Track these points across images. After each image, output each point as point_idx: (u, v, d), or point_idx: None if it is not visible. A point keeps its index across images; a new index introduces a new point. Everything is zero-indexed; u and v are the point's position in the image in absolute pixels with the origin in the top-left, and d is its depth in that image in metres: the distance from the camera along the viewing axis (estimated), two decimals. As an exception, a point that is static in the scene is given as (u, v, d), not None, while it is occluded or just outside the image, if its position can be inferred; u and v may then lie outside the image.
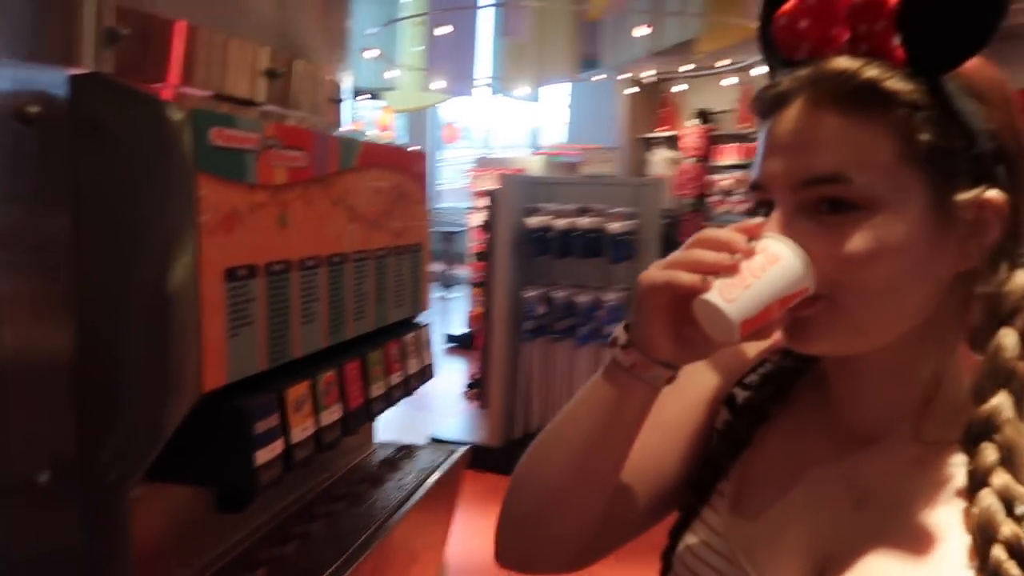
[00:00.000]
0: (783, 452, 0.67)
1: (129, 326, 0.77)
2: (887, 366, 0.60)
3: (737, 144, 8.77)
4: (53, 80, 0.74)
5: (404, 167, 1.28)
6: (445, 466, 1.32)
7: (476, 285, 5.29)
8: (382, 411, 1.14)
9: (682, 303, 0.56)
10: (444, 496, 1.30)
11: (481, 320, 4.54)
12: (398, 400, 1.20)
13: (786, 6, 0.58)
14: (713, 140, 9.04)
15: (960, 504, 0.55)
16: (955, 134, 0.54)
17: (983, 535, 0.52)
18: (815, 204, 0.55)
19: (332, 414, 0.99)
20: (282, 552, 0.98)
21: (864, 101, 0.53)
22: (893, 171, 0.54)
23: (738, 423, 0.70)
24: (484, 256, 4.46)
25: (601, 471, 0.66)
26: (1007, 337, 0.55)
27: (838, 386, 0.65)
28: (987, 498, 0.53)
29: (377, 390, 1.13)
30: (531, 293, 3.88)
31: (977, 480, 0.54)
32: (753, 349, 0.75)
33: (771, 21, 0.60)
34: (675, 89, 9.24)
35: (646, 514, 0.72)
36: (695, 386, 0.74)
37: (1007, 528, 0.51)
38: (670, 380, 0.61)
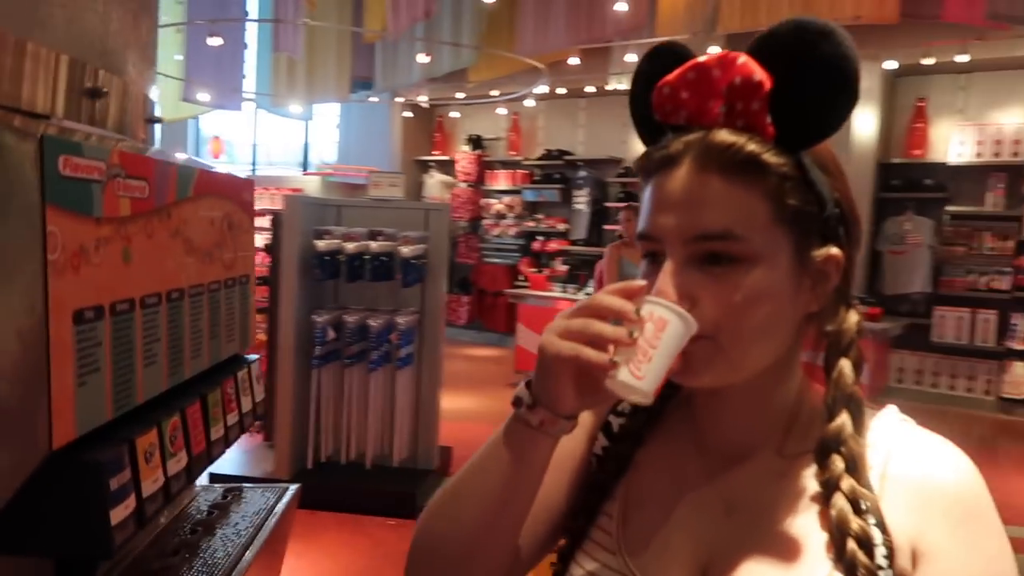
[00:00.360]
0: (660, 471, 0.74)
1: (-37, 380, 0.67)
2: (749, 393, 0.69)
3: (509, 170, 9.19)
4: None
5: (234, 195, 1.22)
6: (279, 508, 1.26)
7: (259, 311, 5.03)
8: (221, 454, 1.08)
9: (584, 368, 0.61)
10: (280, 538, 1.24)
11: (265, 347, 4.32)
12: (234, 441, 1.14)
13: (668, 77, 0.65)
14: (486, 165, 9.39)
15: (816, 507, 0.65)
16: (812, 200, 0.64)
17: (838, 531, 0.62)
18: (702, 256, 0.63)
19: (179, 462, 0.93)
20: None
21: (745, 170, 0.62)
22: (768, 230, 0.62)
23: (617, 448, 0.77)
24: (267, 280, 4.27)
25: (513, 521, 0.69)
26: (846, 367, 0.67)
27: (706, 411, 0.73)
28: (839, 501, 0.63)
29: (216, 432, 1.07)
30: (321, 318, 3.78)
31: (830, 486, 0.64)
32: None
33: (648, 87, 0.68)
34: (450, 115, 9.49)
35: (542, 546, 0.77)
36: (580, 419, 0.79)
37: (855, 524, 0.61)
38: (571, 429, 0.66)
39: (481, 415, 5.87)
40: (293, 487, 1.34)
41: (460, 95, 8.32)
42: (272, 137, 10.96)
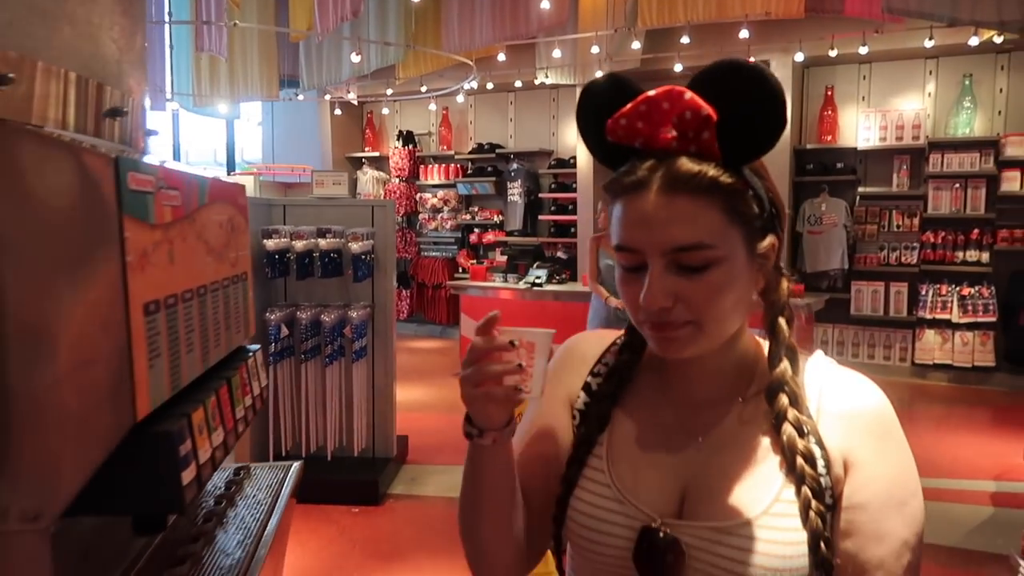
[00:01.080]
0: (639, 421, 0.91)
1: (66, 363, 0.79)
2: (714, 354, 0.85)
3: (442, 165, 9.30)
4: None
5: (233, 200, 1.34)
6: (289, 481, 1.40)
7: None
8: (244, 431, 1.21)
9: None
10: (291, 508, 1.38)
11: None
12: (251, 421, 1.27)
13: (624, 110, 0.78)
14: (419, 161, 9.48)
15: (769, 436, 0.83)
16: (756, 204, 0.80)
17: (789, 451, 0.80)
18: (679, 261, 0.77)
19: (219, 436, 1.06)
20: (182, 571, 1.02)
21: (707, 190, 0.76)
22: (727, 234, 0.77)
23: (598, 408, 0.92)
24: (214, 282, 4.30)
25: (507, 506, 0.87)
26: (783, 323, 0.85)
27: (678, 372, 0.89)
28: (787, 428, 0.81)
29: (239, 412, 1.20)
30: (274, 315, 3.85)
31: (779, 418, 0.82)
32: (594, 348, 0.99)
33: (598, 120, 0.81)
34: (381, 111, 9.53)
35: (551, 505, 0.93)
36: (553, 392, 0.96)
37: (801, 444, 0.80)
38: (512, 431, 0.84)
39: (433, 405, 6.01)
40: (296, 464, 1.47)
41: (389, 91, 8.37)
42: (192, 136, 10.75)
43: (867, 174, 7.16)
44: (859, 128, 6.99)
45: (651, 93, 0.77)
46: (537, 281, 6.73)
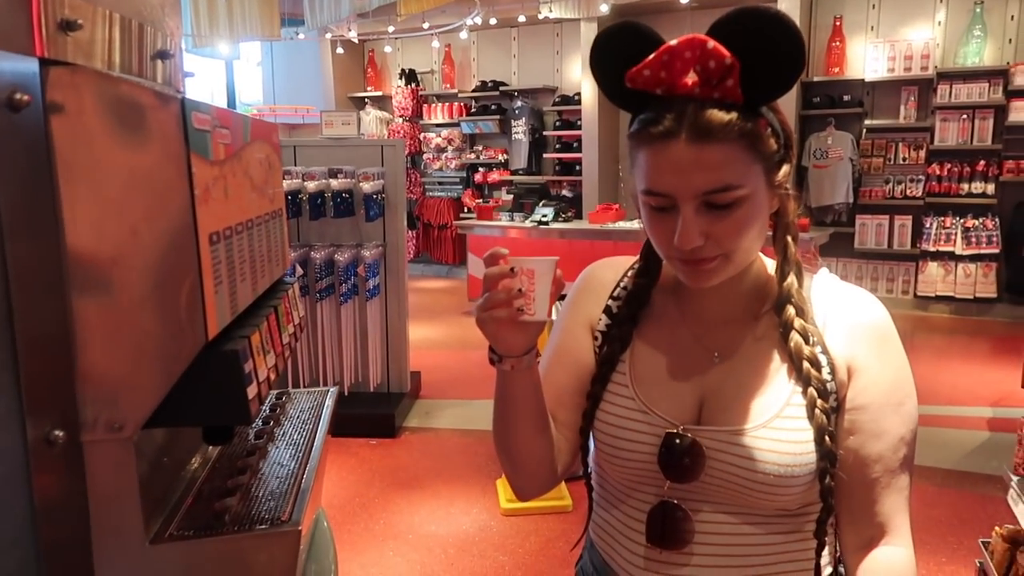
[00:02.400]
0: (658, 340, 0.98)
1: (144, 289, 0.87)
2: (729, 277, 0.90)
3: (445, 104, 9.24)
4: (29, 71, 0.81)
5: (269, 139, 1.40)
6: (328, 403, 1.50)
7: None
8: (291, 355, 1.30)
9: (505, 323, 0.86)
10: (330, 430, 1.48)
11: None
12: (294, 349, 1.36)
13: (647, 61, 0.80)
14: (422, 100, 9.41)
15: (779, 347, 0.91)
16: (775, 140, 0.85)
17: (796, 357, 0.88)
18: (708, 203, 0.83)
19: (272, 358, 1.15)
20: (243, 479, 1.12)
21: (732, 135, 0.79)
22: (750, 171, 0.81)
23: (620, 330, 0.99)
24: (228, 223, 4.37)
25: (534, 424, 0.95)
26: (790, 241, 0.92)
27: (695, 294, 0.95)
28: (794, 336, 0.89)
29: (286, 338, 1.28)
30: (288, 256, 3.93)
31: (786, 327, 0.90)
32: (612, 273, 1.06)
33: (615, 67, 0.84)
34: (383, 50, 9.42)
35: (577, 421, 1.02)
36: (574, 320, 1.04)
37: (807, 350, 0.88)
38: (533, 359, 0.91)
39: (444, 342, 6.14)
40: (333, 389, 1.56)
41: (391, 29, 8.27)
42: (189, 78, 10.62)
43: (874, 106, 7.13)
44: (867, 59, 6.93)
45: (673, 43, 0.80)
46: (544, 219, 6.78)
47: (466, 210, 8.99)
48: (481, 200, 8.65)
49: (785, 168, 0.87)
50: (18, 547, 0.84)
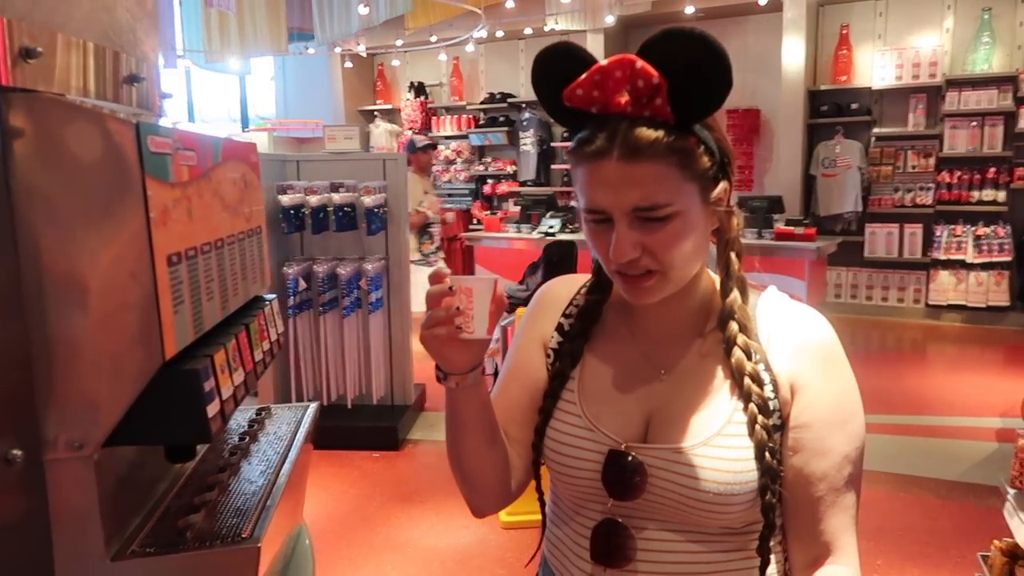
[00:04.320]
0: (607, 357, 0.99)
1: (100, 310, 0.89)
2: (676, 295, 0.91)
3: (454, 116, 9.29)
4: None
5: (246, 158, 1.42)
6: (307, 420, 1.51)
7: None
8: (263, 372, 1.31)
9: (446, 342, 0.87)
10: (309, 445, 1.49)
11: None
12: (268, 365, 1.37)
13: (579, 80, 0.81)
14: (431, 112, 9.47)
15: (724, 367, 0.90)
16: (707, 157, 0.85)
17: (737, 372, 0.88)
18: (640, 218, 0.84)
19: (240, 376, 1.16)
20: (211, 496, 1.13)
21: (662, 154, 0.82)
22: (682, 189, 0.83)
23: (571, 345, 1.00)
24: (233, 238, 4.41)
25: (484, 441, 0.96)
26: (733, 257, 0.92)
27: (642, 311, 0.96)
28: (737, 352, 0.89)
29: (258, 355, 1.30)
30: (291, 269, 3.96)
31: (729, 343, 0.90)
32: (565, 291, 1.07)
33: (553, 87, 0.86)
34: (391, 63, 9.50)
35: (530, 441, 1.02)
36: (528, 337, 1.05)
37: (749, 366, 0.88)
38: (478, 377, 0.91)
39: (447, 354, 6.14)
40: (313, 405, 1.58)
41: (399, 42, 8.33)
42: (205, 94, 10.77)
43: (883, 114, 7.09)
44: (875, 67, 6.90)
45: (603, 63, 0.82)
46: (551, 231, 6.78)
47: (475, 222, 9.02)
48: (489, 212, 8.67)
49: (722, 185, 0.88)
50: (-26, 565, 0.85)
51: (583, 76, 0.82)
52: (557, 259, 3.98)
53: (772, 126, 7.61)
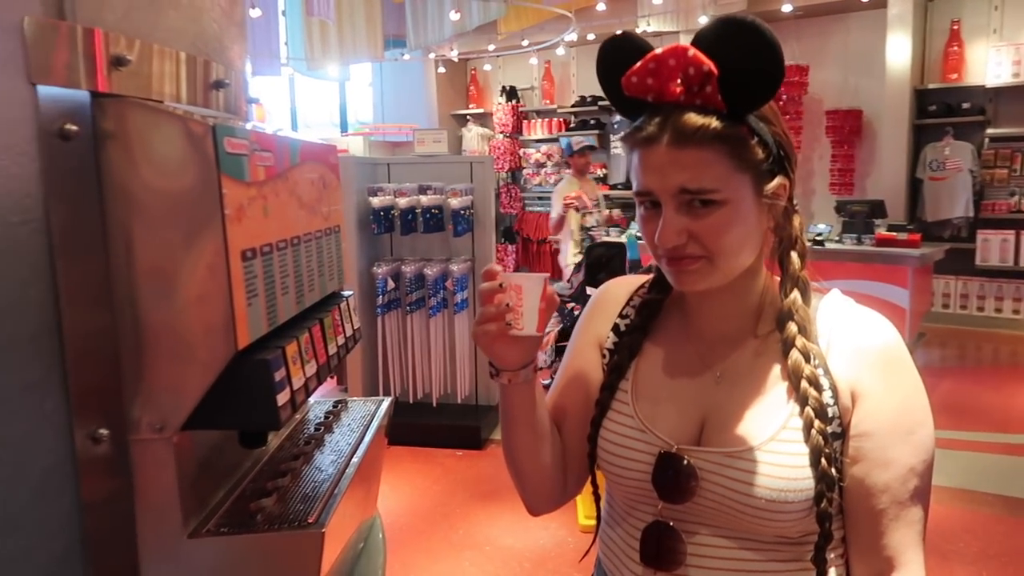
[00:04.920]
0: (662, 354, 0.98)
1: (179, 301, 0.95)
2: (729, 292, 0.91)
3: (545, 119, 9.32)
4: (81, 103, 0.90)
5: (325, 160, 1.48)
6: (381, 412, 1.55)
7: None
8: (336, 366, 1.36)
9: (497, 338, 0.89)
10: (381, 437, 1.53)
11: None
12: (343, 358, 1.42)
13: (634, 68, 0.83)
14: (522, 116, 9.54)
15: (781, 369, 0.88)
16: (761, 149, 0.84)
17: (794, 375, 0.86)
18: (689, 202, 0.84)
19: (311, 368, 1.21)
20: (283, 481, 1.18)
21: (711, 141, 0.81)
22: (732, 178, 0.82)
23: (631, 337, 1.00)
24: (326, 238, 4.58)
25: (536, 438, 0.98)
26: (794, 256, 0.90)
27: (697, 309, 0.96)
28: (794, 354, 0.86)
29: (332, 349, 1.34)
30: (381, 269, 4.07)
31: (787, 345, 0.88)
32: (623, 291, 1.07)
33: (615, 77, 0.87)
34: (483, 68, 9.62)
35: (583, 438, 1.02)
36: (584, 338, 1.05)
37: (807, 369, 0.85)
38: (530, 374, 0.93)
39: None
40: (387, 399, 1.62)
41: (491, 47, 8.44)
42: (308, 100, 11.21)
43: (997, 114, 6.67)
44: (989, 64, 6.49)
45: (658, 51, 0.83)
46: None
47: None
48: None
49: (778, 180, 0.86)
50: (64, 535, 0.92)
51: (638, 64, 0.83)
52: (605, 260, 4.01)
53: (875, 127, 7.28)
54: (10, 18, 0.85)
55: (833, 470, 0.82)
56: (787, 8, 6.49)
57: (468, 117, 9.90)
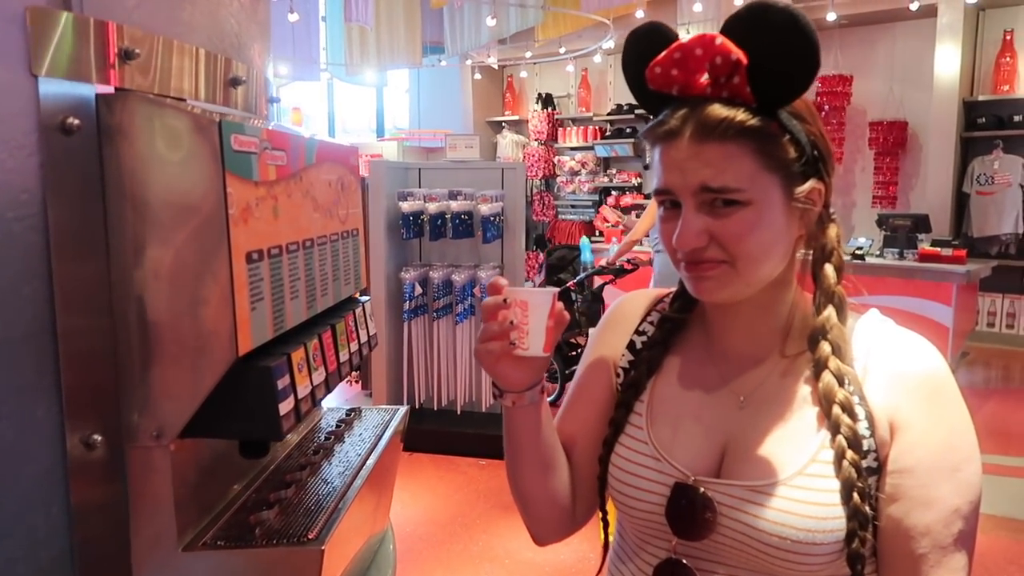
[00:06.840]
0: (681, 375, 0.91)
1: (179, 304, 0.91)
2: (755, 306, 0.84)
3: (580, 127, 9.26)
4: (85, 97, 0.86)
5: (344, 161, 1.44)
6: (394, 422, 1.50)
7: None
8: (347, 374, 1.31)
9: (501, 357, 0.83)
10: (395, 447, 1.48)
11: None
12: (356, 366, 1.37)
13: (658, 59, 0.77)
14: (557, 123, 9.48)
15: (811, 391, 0.80)
16: (792, 148, 0.77)
17: (826, 400, 0.78)
18: (711, 201, 0.77)
19: (319, 375, 1.16)
20: (287, 493, 1.14)
21: (736, 136, 0.74)
22: (759, 178, 0.75)
23: (650, 353, 0.93)
24: (356, 242, 4.57)
25: (541, 464, 0.91)
26: (829, 270, 0.82)
27: (720, 324, 0.89)
28: (826, 376, 0.78)
29: (343, 356, 1.30)
30: (408, 274, 4.04)
31: (819, 366, 0.79)
32: (639, 307, 1.00)
33: (640, 69, 0.80)
34: (520, 75, 9.59)
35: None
36: (597, 355, 0.98)
37: (840, 394, 0.77)
38: (536, 395, 0.86)
39: (561, 366, 6.10)
40: (403, 408, 1.57)
41: (528, 54, 8.40)
42: (346, 106, 11.29)
43: (1050, 128, 6.45)
44: (1042, 76, 6.29)
45: (684, 40, 0.76)
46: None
47: (597, 233, 8.94)
48: (611, 224, 8.56)
49: (811, 183, 0.79)
50: (54, 544, 0.89)
51: (662, 54, 0.77)
52: (568, 260, 3.95)
53: (921, 139, 7.09)
54: (13, 7, 0.82)
55: (867, 507, 0.75)
56: (831, 17, 6.34)
57: (503, 124, 9.87)
